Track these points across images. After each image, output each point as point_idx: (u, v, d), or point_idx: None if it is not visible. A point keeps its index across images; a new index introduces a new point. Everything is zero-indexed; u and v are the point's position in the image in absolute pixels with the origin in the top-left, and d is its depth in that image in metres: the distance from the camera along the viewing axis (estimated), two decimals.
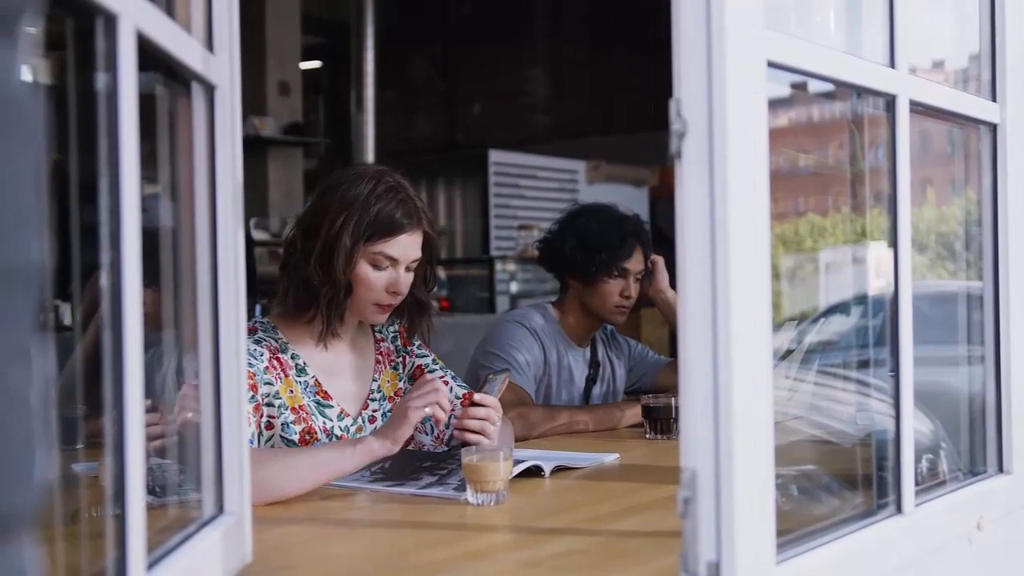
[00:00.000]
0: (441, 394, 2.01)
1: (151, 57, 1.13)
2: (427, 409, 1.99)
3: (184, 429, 1.44)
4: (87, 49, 1.04)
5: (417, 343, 2.46)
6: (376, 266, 2.20)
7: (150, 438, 1.53)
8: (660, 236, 3.26)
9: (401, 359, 2.42)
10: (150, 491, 1.14)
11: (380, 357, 2.38)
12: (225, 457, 1.38)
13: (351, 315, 2.27)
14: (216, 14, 1.37)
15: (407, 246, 2.22)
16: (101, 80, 1.03)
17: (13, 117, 0.56)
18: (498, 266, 7.61)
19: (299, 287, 2.21)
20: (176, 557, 1.18)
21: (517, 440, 2.68)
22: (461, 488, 1.92)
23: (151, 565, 1.09)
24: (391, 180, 2.22)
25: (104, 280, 1.03)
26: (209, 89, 1.35)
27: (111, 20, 1.01)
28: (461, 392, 2.41)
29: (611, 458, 2.36)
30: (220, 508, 1.37)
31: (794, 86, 1.50)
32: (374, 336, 2.40)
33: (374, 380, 2.35)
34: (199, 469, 1.37)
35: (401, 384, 2.40)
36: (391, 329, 2.43)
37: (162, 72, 1.27)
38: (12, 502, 0.57)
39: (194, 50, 1.28)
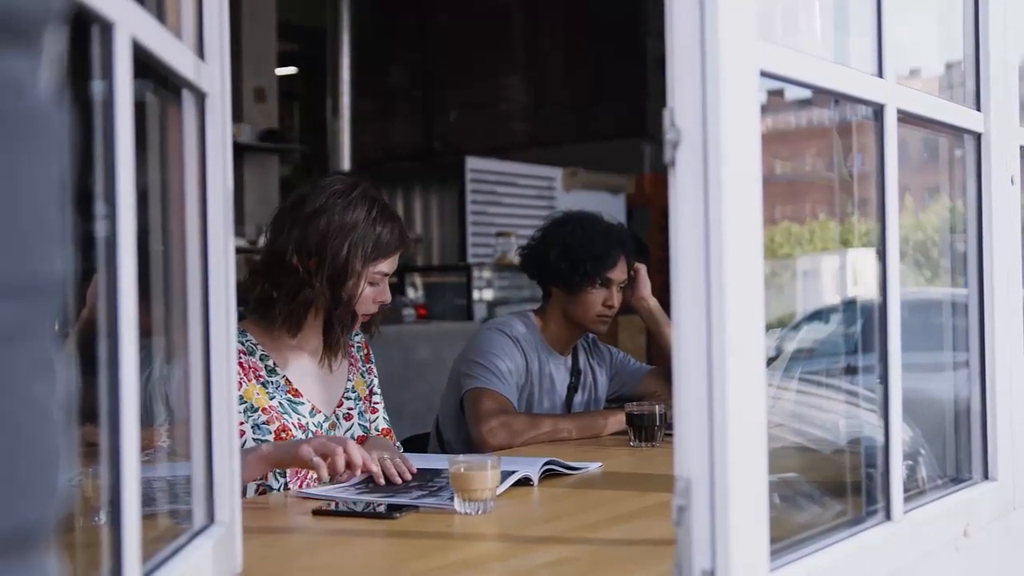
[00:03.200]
0: (338, 458, 1.98)
1: (142, 64, 1.12)
2: (315, 459, 1.96)
3: None
4: (80, 56, 1.03)
5: (371, 364, 2.54)
6: (372, 283, 2.30)
7: None
8: (637, 243, 3.27)
9: (368, 368, 2.51)
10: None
11: (352, 360, 2.47)
12: (216, 467, 1.37)
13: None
14: (207, 22, 1.37)
15: (396, 260, 2.35)
16: (96, 87, 1.02)
17: (39, 128, 0.56)
18: (475, 273, 7.59)
19: (303, 308, 2.26)
20: (169, 568, 1.17)
21: (501, 448, 2.68)
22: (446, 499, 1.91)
23: (145, 575, 1.09)
24: (380, 199, 2.33)
25: (99, 287, 1.02)
26: (200, 97, 1.35)
27: (107, 28, 1.00)
28: (383, 426, 2.48)
29: (595, 467, 2.36)
30: (211, 518, 1.37)
31: (771, 93, 1.51)
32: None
33: (348, 380, 2.43)
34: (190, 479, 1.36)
35: (368, 390, 2.49)
36: (357, 338, 2.51)
37: (152, 79, 1.27)
38: (39, 514, 0.56)
39: (186, 58, 1.28)
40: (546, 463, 2.20)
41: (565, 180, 8.55)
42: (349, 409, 2.40)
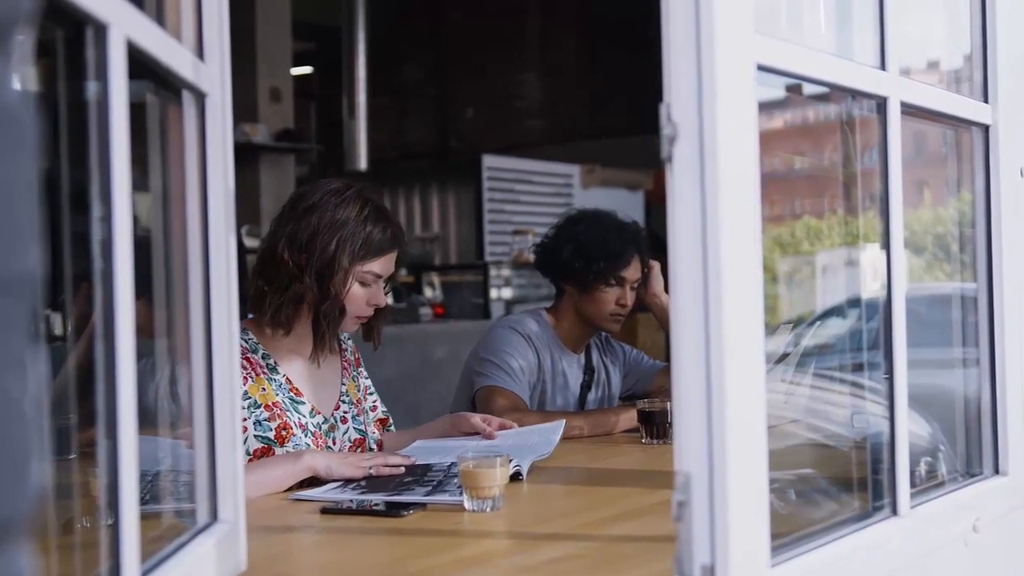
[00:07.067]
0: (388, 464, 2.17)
1: (141, 65, 1.13)
2: (372, 471, 2.14)
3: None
4: (76, 57, 1.03)
5: (362, 368, 2.58)
6: (363, 283, 2.32)
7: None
8: (655, 240, 3.26)
9: (358, 372, 2.55)
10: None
11: (346, 364, 2.50)
12: (219, 465, 1.37)
13: None
14: (206, 22, 1.37)
15: (390, 263, 2.36)
16: (91, 88, 1.03)
17: (8, 126, 0.56)
18: (492, 271, 7.58)
19: (292, 303, 2.28)
20: (170, 565, 1.18)
21: None
22: (458, 494, 1.91)
23: (145, 573, 1.09)
24: (374, 200, 2.35)
25: (96, 289, 1.02)
26: (200, 97, 1.35)
27: (101, 29, 1.01)
28: (380, 416, 2.54)
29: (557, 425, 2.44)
30: (214, 516, 1.37)
31: (788, 88, 1.50)
32: (339, 344, 2.50)
33: (343, 384, 2.46)
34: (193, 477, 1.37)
35: (359, 394, 2.52)
36: (349, 342, 2.55)
37: (152, 80, 1.27)
38: (9, 509, 0.57)
39: (184, 58, 1.28)
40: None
41: (583, 177, 8.55)
42: (344, 413, 2.43)
